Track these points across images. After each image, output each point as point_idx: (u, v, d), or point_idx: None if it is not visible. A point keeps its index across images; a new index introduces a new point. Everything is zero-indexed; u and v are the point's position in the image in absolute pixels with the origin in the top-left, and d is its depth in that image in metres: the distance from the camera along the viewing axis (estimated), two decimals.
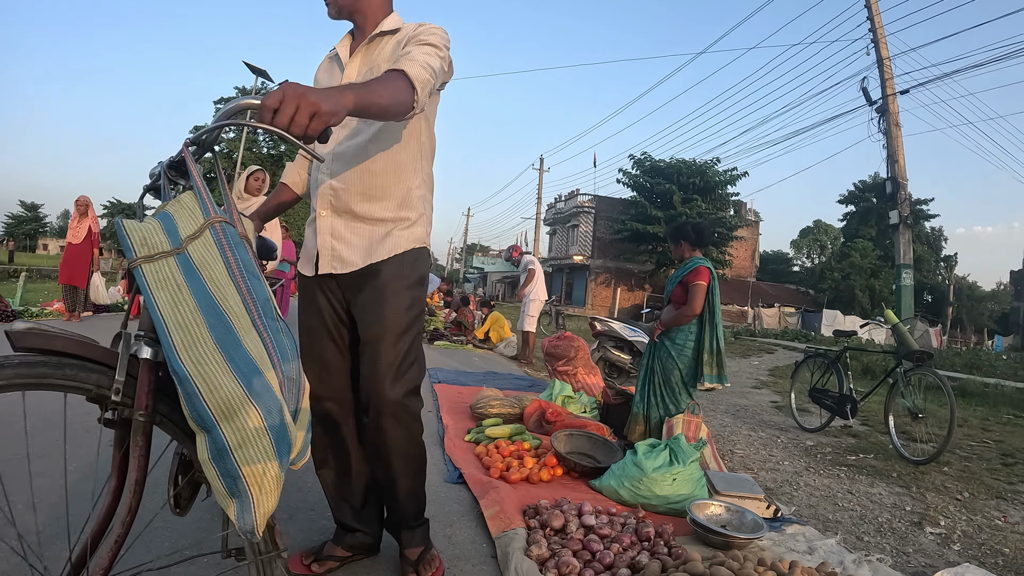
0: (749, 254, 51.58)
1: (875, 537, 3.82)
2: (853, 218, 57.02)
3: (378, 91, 1.80)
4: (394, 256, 2.37)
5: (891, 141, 17.51)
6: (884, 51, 17.90)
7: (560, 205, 53.13)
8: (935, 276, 56.08)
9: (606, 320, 9.32)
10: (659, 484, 3.65)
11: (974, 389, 11.61)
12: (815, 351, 7.88)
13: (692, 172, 39.57)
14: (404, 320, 2.37)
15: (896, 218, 17.49)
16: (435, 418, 5.59)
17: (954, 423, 5.51)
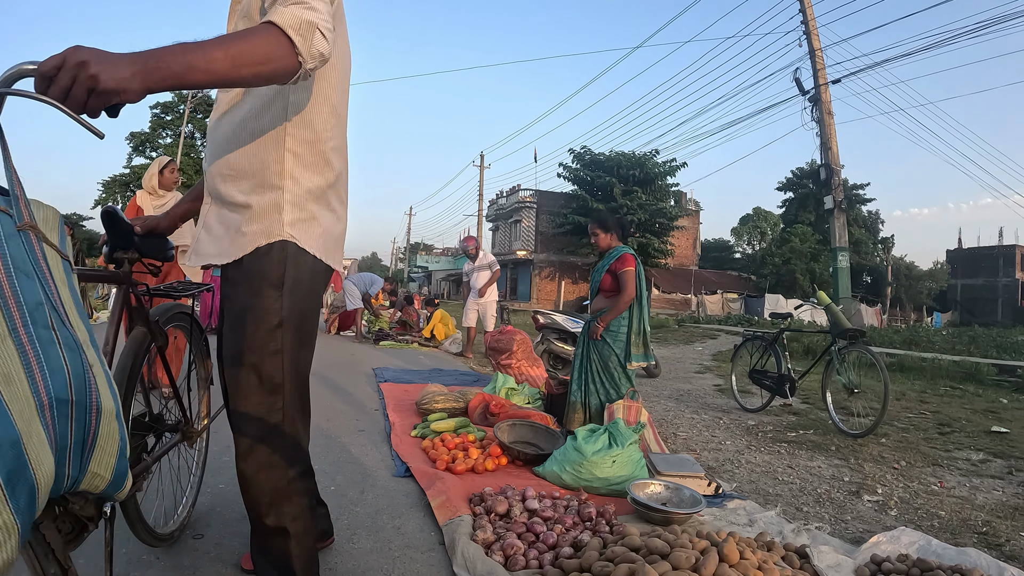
0: (690, 243, 52.28)
1: (814, 507, 3.97)
2: (792, 204, 57.83)
3: (226, 50, 1.46)
4: (249, 254, 1.92)
5: (824, 129, 18.01)
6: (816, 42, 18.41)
7: (502, 201, 53.18)
8: (873, 258, 57.21)
9: (548, 313, 9.42)
10: (599, 467, 3.76)
11: (912, 364, 12.00)
12: (753, 334, 8.07)
13: (632, 164, 39.92)
14: (258, 342, 1.93)
15: (831, 203, 17.99)
16: (381, 416, 5.64)
17: (888, 396, 5.73)
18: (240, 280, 1.95)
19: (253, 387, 1.94)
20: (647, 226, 40.16)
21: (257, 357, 1.92)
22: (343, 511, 3.28)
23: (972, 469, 5.02)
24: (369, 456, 4.37)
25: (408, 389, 6.94)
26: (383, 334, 13.39)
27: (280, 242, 1.92)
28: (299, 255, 1.96)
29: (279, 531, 1.97)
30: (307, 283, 2.00)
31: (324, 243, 2.03)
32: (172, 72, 1.36)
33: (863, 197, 56.03)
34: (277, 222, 1.92)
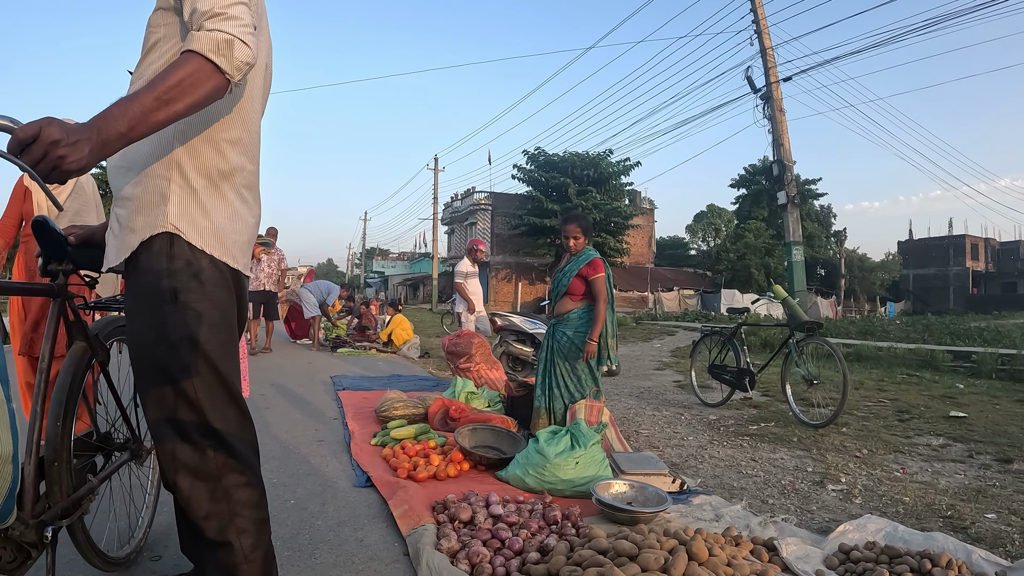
0: (646, 241, 52.67)
1: (779, 499, 3.99)
2: (745, 200, 58.51)
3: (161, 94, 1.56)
4: (136, 252, 1.83)
5: (776, 126, 18.20)
6: (767, 41, 18.62)
7: (457, 204, 53.13)
8: (827, 251, 58.10)
9: (506, 315, 9.38)
10: (562, 468, 3.73)
11: (869, 353, 12.24)
12: (711, 330, 8.12)
13: (586, 164, 40.08)
14: (160, 358, 1.84)
15: (784, 198, 18.20)
16: (340, 425, 5.56)
17: (847, 385, 5.79)
18: (135, 294, 1.87)
19: (166, 403, 1.86)
20: (602, 225, 40.33)
21: (166, 377, 1.85)
22: (304, 525, 3.21)
23: (933, 454, 5.10)
24: (329, 466, 4.30)
25: (367, 396, 6.87)
26: (340, 341, 13.27)
27: (165, 235, 1.82)
28: (188, 252, 1.84)
29: (223, 545, 1.89)
30: (206, 288, 1.88)
31: (219, 240, 1.91)
32: (119, 136, 1.50)
33: (815, 192, 56.92)
34: (162, 213, 1.82)
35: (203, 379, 1.85)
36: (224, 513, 1.88)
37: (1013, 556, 3.04)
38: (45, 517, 1.85)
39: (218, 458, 1.88)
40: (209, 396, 1.87)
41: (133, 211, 1.83)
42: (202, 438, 1.86)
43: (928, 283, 63.29)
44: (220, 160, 1.92)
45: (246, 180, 2.04)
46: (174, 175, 1.84)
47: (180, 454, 1.85)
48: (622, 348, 14.83)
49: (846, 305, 51.23)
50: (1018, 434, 5.74)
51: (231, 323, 1.99)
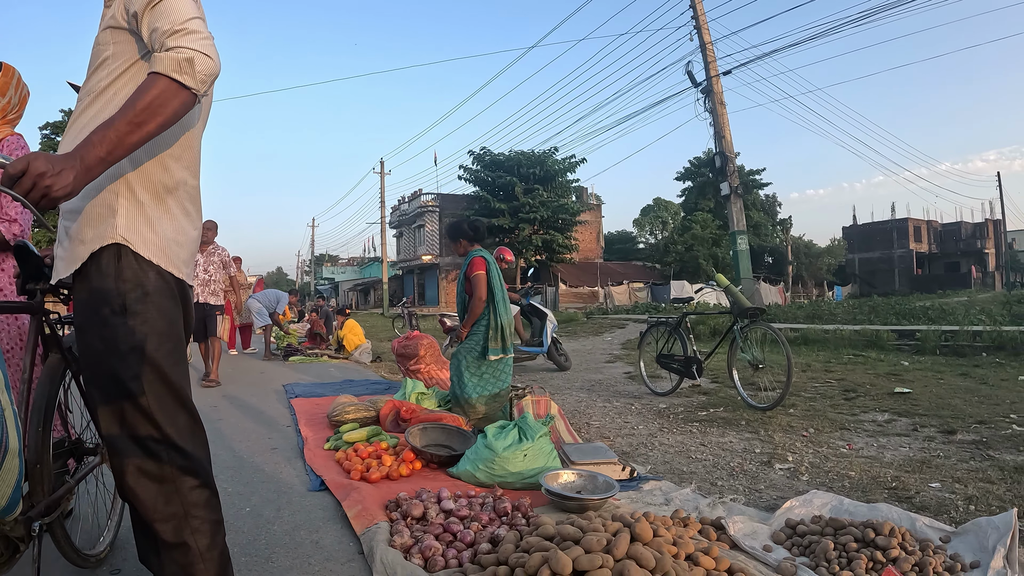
0: (594, 236, 53.02)
1: (728, 480, 4.09)
2: (691, 193, 58.91)
3: (134, 117, 1.69)
4: (86, 263, 1.90)
5: (717, 119, 18.52)
6: (707, 36, 18.95)
7: (404, 207, 52.93)
8: (773, 239, 58.69)
9: (453, 315, 9.39)
10: (511, 462, 3.82)
11: (816, 336, 12.52)
12: (657, 320, 8.21)
13: (532, 163, 40.24)
14: (111, 369, 1.89)
15: (727, 189, 18.51)
16: (294, 432, 5.57)
17: (792, 368, 5.94)
18: (84, 307, 1.92)
19: (119, 415, 1.91)
20: (550, 223, 40.54)
21: (117, 386, 1.89)
22: (260, 531, 3.25)
23: (879, 429, 5.26)
24: (283, 473, 4.33)
25: (319, 402, 6.88)
26: (292, 350, 13.19)
27: (114, 246, 1.88)
28: (136, 262, 1.91)
29: (179, 546, 1.93)
30: (154, 298, 1.94)
31: (165, 251, 1.98)
32: (99, 160, 1.66)
33: (760, 182, 57.60)
34: (111, 225, 1.89)
35: (153, 387, 1.90)
36: (179, 515, 1.92)
37: (958, 522, 3.14)
38: (32, 514, 1.96)
39: (171, 462, 1.93)
40: (160, 403, 1.92)
41: (82, 224, 1.89)
42: (155, 444, 1.91)
43: (873, 266, 64.73)
44: (165, 175, 1.99)
45: (189, 194, 2.11)
46: (122, 189, 1.90)
47: (134, 461, 1.89)
48: (572, 343, 14.96)
49: (794, 291, 52.06)
50: (961, 406, 5.95)
51: (179, 332, 2.05)
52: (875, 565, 2.61)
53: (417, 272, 50.26)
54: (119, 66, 1.95)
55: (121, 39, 1.95)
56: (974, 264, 62.77)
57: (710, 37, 18.99)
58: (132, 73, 1.95)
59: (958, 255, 66.15)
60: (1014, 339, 10.05)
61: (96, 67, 1.97)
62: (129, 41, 1.94)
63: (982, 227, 66.55)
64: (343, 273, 76.84)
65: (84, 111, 1.96)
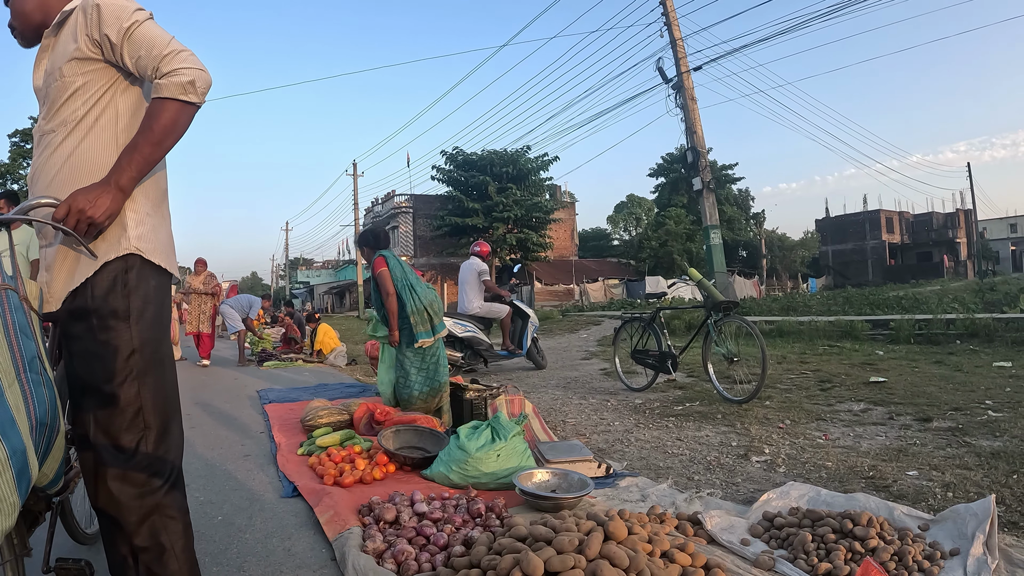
0: (568, 234, 53.12)
1: (705, 475, 4.09)
2: (664, 189, 59.17)
3: (155, 139, 1.93)
4: (93, 277, 1.95)
5: (688, 114, 18.56)
6: (677, 32, 18.98)
7: (378, 208, 52.81)
8: (747, 233, 59.04)
9: None
10: (484, 462, 3.79)
11: (791, 328, 12.60)
12: (631, 316, 8.21)
13: (504, 162, 40.21)
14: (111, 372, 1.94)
15: (699, 184, 18.58)
16: (267, 438, 5.52)
17: (766, 360, 5.95)
18: (84, 313, 1.96)
19: (114, 418, 1.94)
20: (524, 221, 40.57)
21: (113, 387, 1.94)
22: (231, 540, 3.21)
23: (855, 419, 5.28)
24: (256, 480, 4.28)
25: (293, 407, 6.83)
26: (267, 355, 13.10)
27: (126, 256, 1.99)
28: (143, 268, 2.03)
29: (155, 549, 1.96)
30: (154, 298, 2.06)
31: (167, 254, 2.13)
32: (131, 180, 1.93)
33: (732, 176, 58.04)
34: (124, 238, 1.99)
35: (149, 386, 2.00)
36: (156, 519, 1.96)
37: (936, 509, 3.16)
38: (49, 490, 2.09)
39: (156, 467, 1.99)
40: (155, 404, 2.02)
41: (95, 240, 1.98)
42: (142, 445, 1.96)
43: (847, 258, 65.48)
44: (156, 187, 2.15)
45: (167, 200, 2.28)
46: (128, 204, 2.01)
47: (119, 461, 1.93)
48: (548, 341, 14.97)
49: (769, 284, 52.44)
50: (936, 394, 6.00)
51: (168, 330, 2.18)
52: (854, 556, 2.61)
53: None
54: (94, 94, 2.04)
55: (90, 68, 2.02)
56: (946, 254, 63.68)
57: (680, 33, 19.04)
58: (109, 98, 2.05)
59: (930, 245, 66.96)
60: (987, 326, 10.15)
61: (66, 99, 2.03)
62: (101, 69, 2.04)
63: (953, 217, 67.40)
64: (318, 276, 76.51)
65: (65, 140, 2.03)
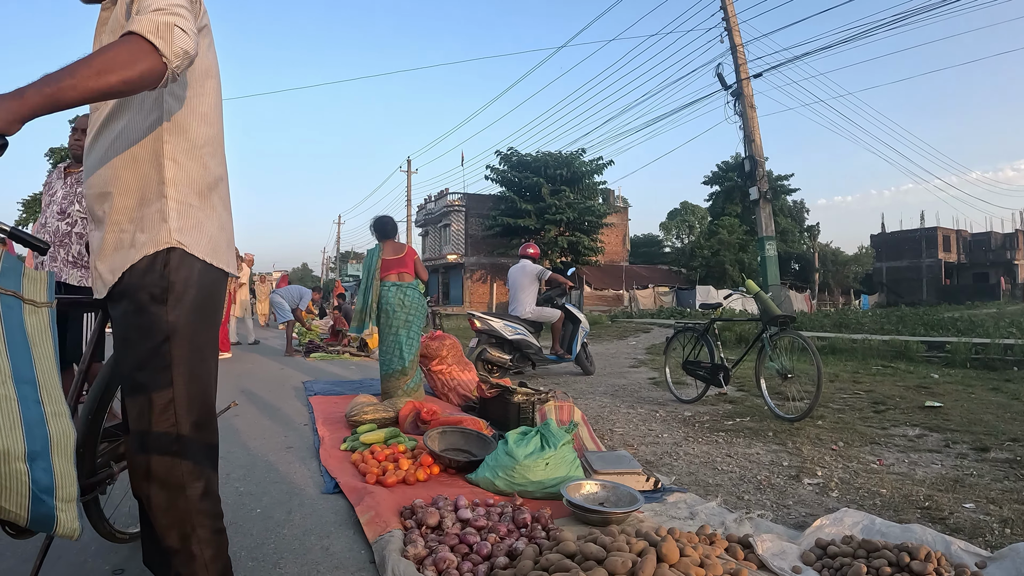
0: (620, 239, 52.77)
1: (755, 495, 3.93)
2: (718, 197, 58.69)
3: (96, 67, 1.54)
4: (134, 265, 1.87)
5: (747, 122, 18.31)
6: (737, 38, 18.73)
7: (430, 206, 52.94)
8: (800, 245, 58.34)
9: (485, 317, 9.11)
10: (532, 470, 3.68)
11: (844, 346, 12.24)
12: (684, 326, 8.06)
13: (559, 164, 40.05)
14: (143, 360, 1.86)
15: (756, 194, 18.30)
16: (311, 431, 5.48)
17: (821, 378, 5.75)
18: (122, 298, 1.89)
19: (144, 407, 1.86)
20: (576, 224, 40.37)
21: (145, 376, 1.86)
22: (269, 534, 3.14)
23: (909, 445, 5.07)
24: (297, 473, 4.23)
25: (338, 401, 6.80)
26: (314, 346, 13.13)
27: (166, 249, 1.87)
28: (185, 260, 1.90)
29: (185, 555, 1.89)
30: (197, 290, 1.94)
31: (213, 247, 1.99)
32: (43, 95, 1.47)
33: (788, 187, 57.29)
34: (164, 230, 1.87)
35: (182, 382, 1.89)
36: (187, 523, 1.88)
37: (993, 546, 3.02)
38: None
39: (185, 465, 1.89)
40: (187, 400, 1.91)
41: (132, 231, 1.89)
42: (172, 443, 1.87)
43: (901, 275, 64.12)
44: (206, 174, 2.00)
45: (225, 189, 2.13)
46: (171, 193, 1.90)
47: (151, 459, 1.86)
48: (597, 347, 14.80)
49: (820, 299, 51.64)
50: (993, 422, 5.74)
51: (214, 328, 2.05)
52: None
53: (442, 271, 50.21)
54: None
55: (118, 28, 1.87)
56: (1004, 275, 61.95)
57: (741, 39, 18.79)
58: None
59: (987, 266, 65.27)
60: None
61: None
62: None
63: (1012, 237, 65.70)
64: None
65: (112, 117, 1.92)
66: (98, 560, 2.80)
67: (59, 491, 1.60)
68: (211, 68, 2.05)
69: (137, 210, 1.90)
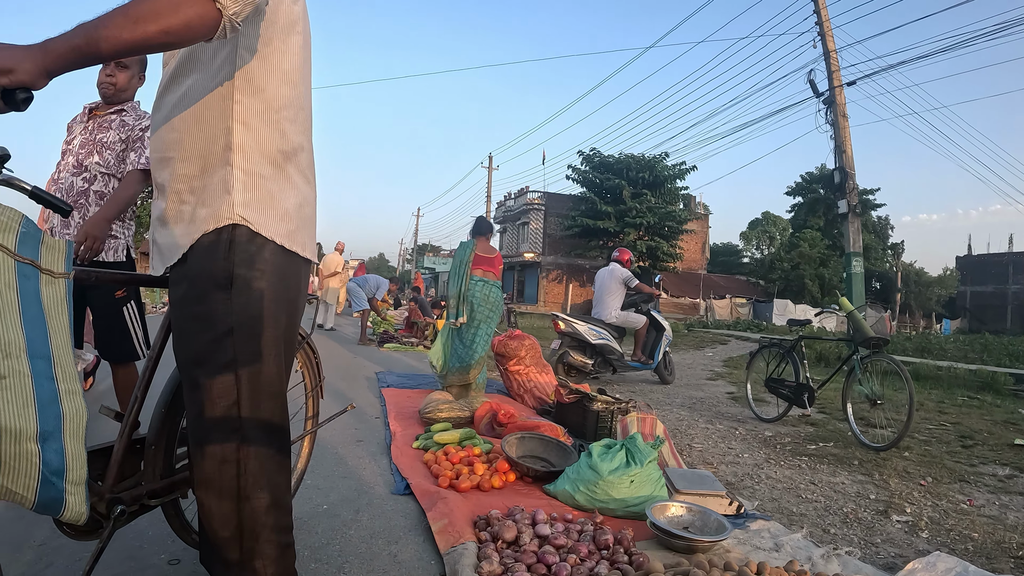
0: (699, 247, 52.05)
1: (841, 528, 3.69)
2: (801, 209, 57.84)
3: (126, 12, 1.34)
4: (194, 244, 1.67)
5: (839, 132, 17.71)
6: (831, 44, 18.13)
7: (510, 203, 53.04)
8: (883, 264, 57.08)
9: (570, 320, 8.97)
10: (616, 487, 3.46)
11: (928, 372, 11.68)
12: (769, 341, 7.82)
13: (641, 167, 39.72)
14: (203, 353, 1.65)
15: (845, 207, 17.70)
16: (382, 425, 5.36)
17: (913, 407, 5.44)
18: (181, 280, 1.69)
19: (202, 407, 1.65)
20: (656, 229, 39.97)
21: (204, 372, 1.64)
22: (335, 534, 3.00)
23: (1000, 485, 4.74)
24: (367, 470, 4.09)
25: (412, 395, 6.69)
26: (388, 336, 13.11)
27: (229, 227, 1.64)
28: (253, 242, 1.67)
29: (244, 567, 1.68)
30: (266, 276, 1.70)
31: (286, 227, 1.75)
32: (72, 46, 1.30)
33: (873, 202, 55.92)
34: (227, 203, 1.65)
35: (247, 379, 1.67)
36: (249, 536, 1.67)
37: None
38: (123, 495, 1.88)
39: (248, 476, 1.68)
40: (252, 400, 1.68)
41: (193, 204, 1.69)
42: (235, 452, 1.66)
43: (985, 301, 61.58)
44: (283, 141, 1.76)
45: (308, 159, 1.89)
46: (237, 161, 1.67)
47: (210, 468, 1.66)
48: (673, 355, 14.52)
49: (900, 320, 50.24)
50: None
51: (292, 319, 1.83)
52: None
53: (518, 269, 50.21)
54: None
55: None
56: None
57: (834, 45, 18.16)
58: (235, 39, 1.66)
59: None
60: None
61: None
62: None
63: None
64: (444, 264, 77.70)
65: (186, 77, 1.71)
66: (154, 546, 2.69)
67: (70, 473, 1.47)
68: (297, 21, 1.79)
69: (199, 179, 1.69)
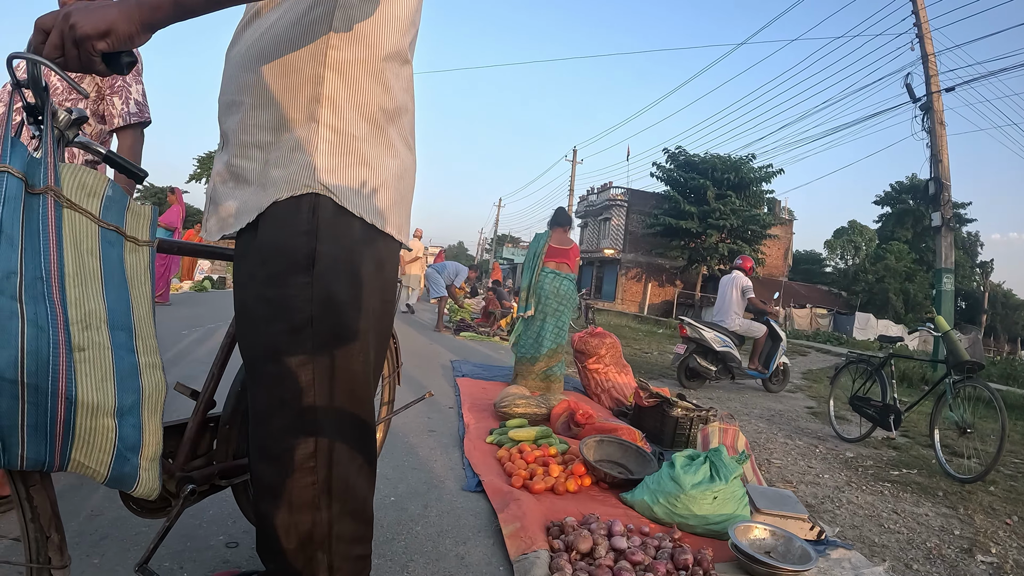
0: (782, 253, 50.88)
1: (924, 565, 3.47)
2: (888, 220, 56.17)
3: None
4: (264, 213, 1.38)
5: (935, 140, 16.96)
6: (929, 47, 17.37)
7: (592, 198, 52.69)
8: (970, 282, 55.06)
9: (697, 326, 8.96)
10: (698, 503, 3.28)
11: (1015, 401, 11.08)
12: (857, 357, 7.50)
13: (727, 167, 39.03)
14: (275, 346, 1.39)
15: (939, 220, 16.94)
16: (455, 415, 5.28)
17: (1005, 439, 5.18)
18: (251, 256, 1.41)
19: (270, 408, 1.42)
20: (739, 232, 39.23)
21: (275, 368, 1.39)
22: (401, 529, 2.91)
23: None
24: (437, 462, 4.00)
25: (487, 387, 6.59)
26: (465, 324, 13.07)
27: (310, 196, 1.35)
28: (339, 219, 1.37)
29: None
30: (352, 260, 1.41)
31: (380, 202, 1.44)
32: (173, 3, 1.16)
33: (964, 217, 53.85)
34: (307, 167, 1.35)
35: (332, 382, 1.41)
36: (316, 546, 1.44)
37: None
38: (194, 474, 1.83)
39: (321, 484, 1.43)
40: (336, 405, 1.43)
41: (265, 163, 1.40)
42: (309, 459, 1.41)
43: None
44: (386, 98, 1.46)
45: (411, 124, 1.58)
46: (325, 117, 1.38)
47: (274, 474, 1.43)
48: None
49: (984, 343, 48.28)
50: None
51: (385, 309, 1.54)
52: None
53: (597, 265, 49.88)
54: None
55: None
56: None
57: (933, 48, 17.38)
58: None
59: None
60: None
61: None
62: None
63: None
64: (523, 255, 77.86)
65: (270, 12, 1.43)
66: (213, 527, 2.63)
67: (145, 449, 1.37)
68: None
69: (272, 132, 1.39)
